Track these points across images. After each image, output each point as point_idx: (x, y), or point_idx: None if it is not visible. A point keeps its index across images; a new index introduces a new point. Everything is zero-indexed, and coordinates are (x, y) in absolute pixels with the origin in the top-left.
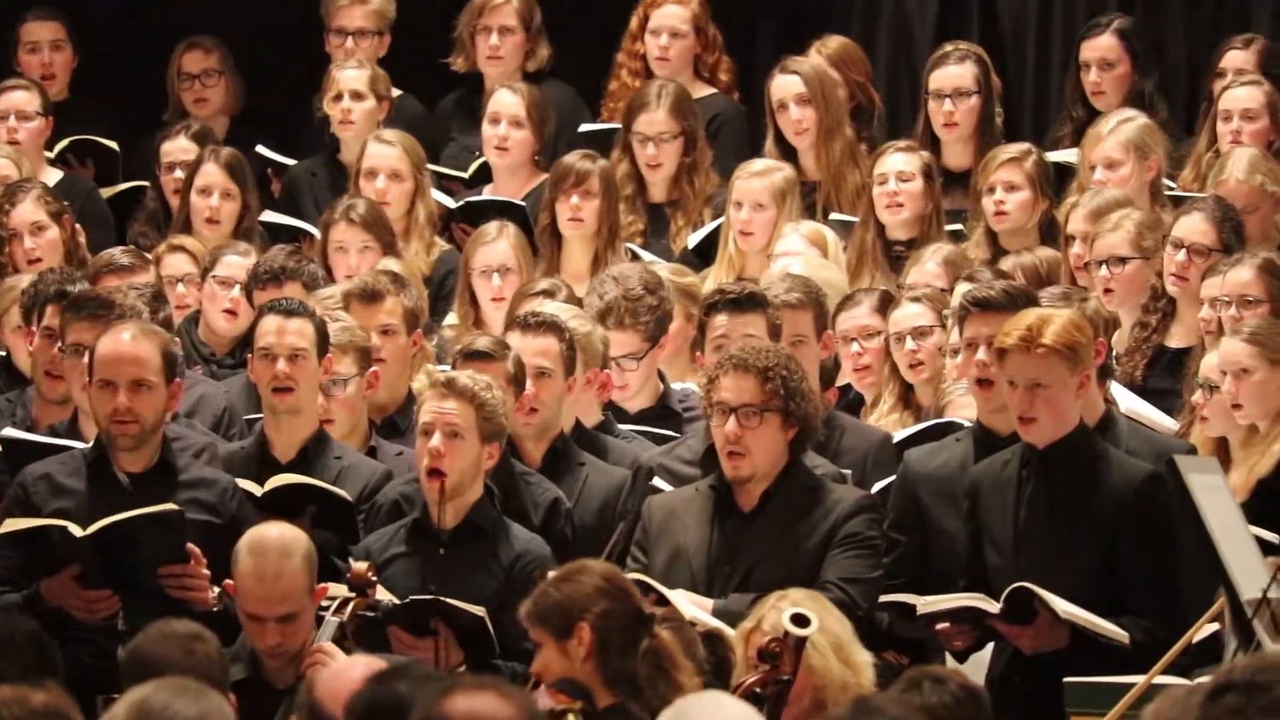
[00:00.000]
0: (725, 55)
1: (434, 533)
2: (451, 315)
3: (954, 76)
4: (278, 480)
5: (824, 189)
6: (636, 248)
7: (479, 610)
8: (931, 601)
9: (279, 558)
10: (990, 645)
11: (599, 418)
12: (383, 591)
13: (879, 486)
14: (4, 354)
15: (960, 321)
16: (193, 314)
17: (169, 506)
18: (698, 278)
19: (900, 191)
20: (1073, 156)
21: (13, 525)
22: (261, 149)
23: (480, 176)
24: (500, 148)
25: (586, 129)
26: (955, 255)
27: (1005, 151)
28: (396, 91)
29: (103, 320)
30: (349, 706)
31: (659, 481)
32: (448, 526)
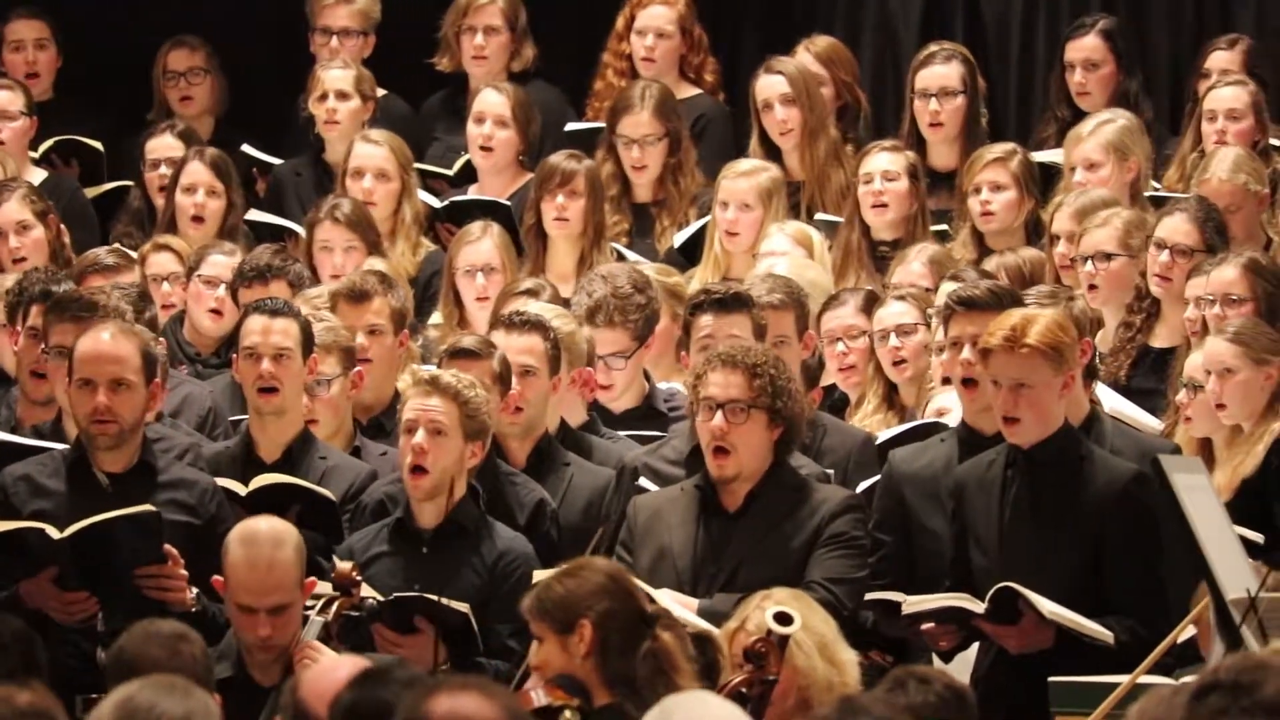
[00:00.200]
0: (710, 56)
1: (416, 532)
2: (436, 315)
3: (940, 76)
4: (262, 480)
5: (808, 189)
6: (621, 248)
7: (463, 607)
8: (916, 601)
9: (271, 548)
10: (975, 645)
11: (584, 418)
12: (368, 590)
13: (862, 487)
14: None
15: (945, 321)
16: (178, 314)
17: (146, 508)
18: (683, 278)
19: (885, 191)
20: (1058, 156)
21: None
22: (247, 148)
23: (465, 176)
24: (485, 147)
25: (572, 128)
26: (940, 255)
27: (990, 151)
28: (381, 91)
29: (86, 322)
30: (333, 708)
31: (644, 481)
32: (430, 525)
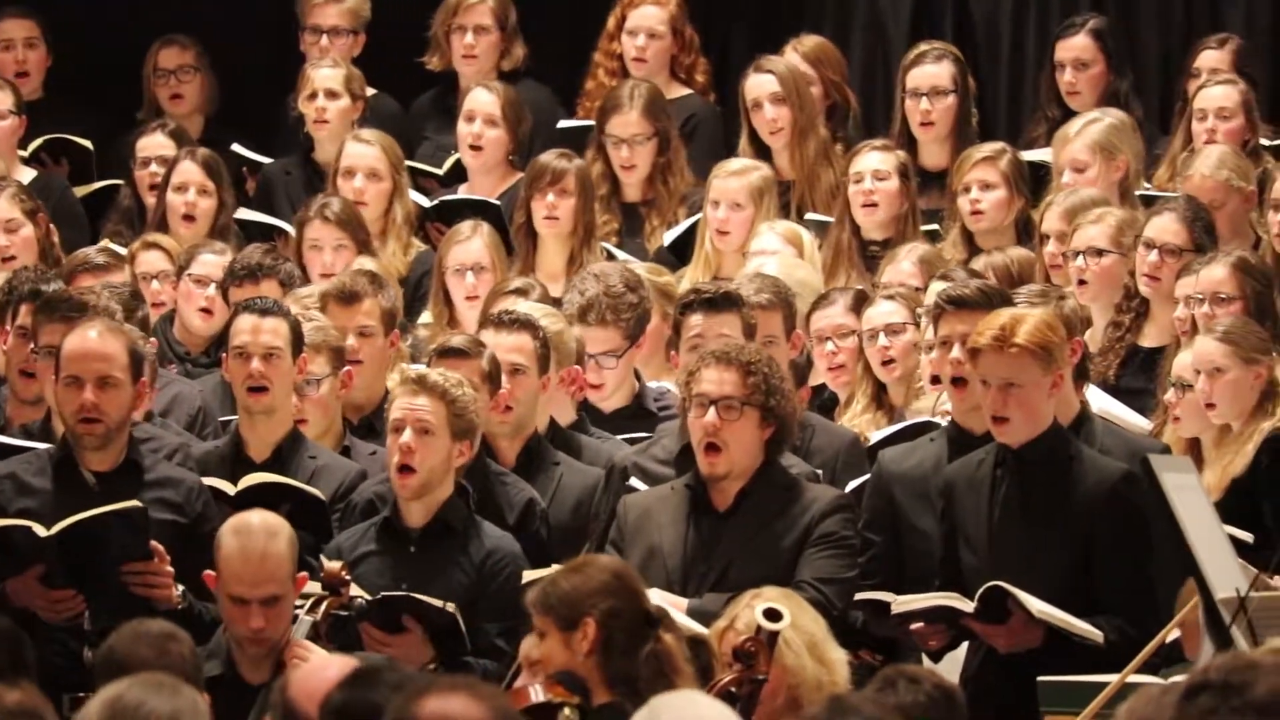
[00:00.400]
0: (701, 56)
1: (404, 531)
2: (426, 314)
3: (931, 75)
4: (251, 479)
5: (798, 188)
6: (611, 247)
7: (450, 606)
8: (906, 601)
9: (265, 538)
10: (964, 644)
11: (573, 417)
12: (357, 590)
13: (850, 487)
14: None
15: (935, 320)
16: (168, 313)
17: (133, 503)
18: (673, 277)
19: (876, 190)
20: (1048, 156)
21: None
22: (237, 147)
23: (455, 175)
24: (475, 146)
25: (565, 125)
26: (930, 255)
27: (980, 151)
28: (371, 90)
29: (75, 322)
30: (323, 709)
31: (634, 481)
32: (418, 524)
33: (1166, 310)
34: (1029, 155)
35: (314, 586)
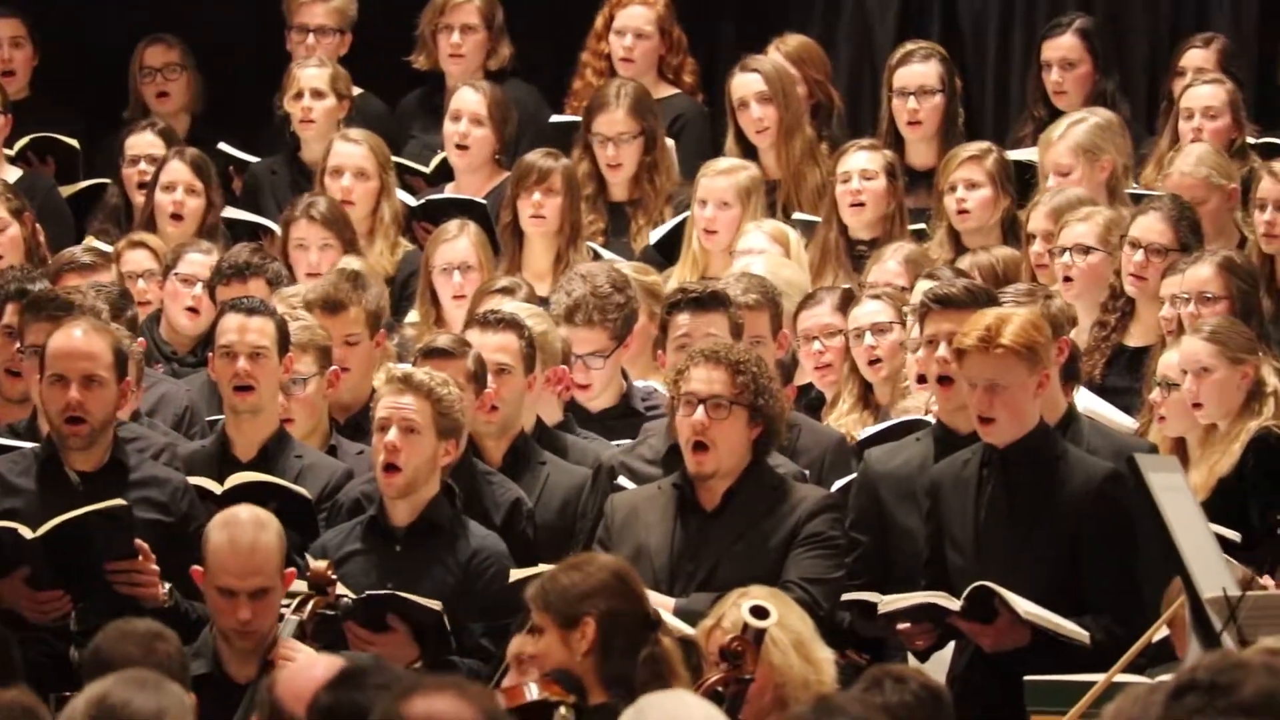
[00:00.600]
0: (689, 56)
1: (390, 530)
2: (413, 313)
3: (919, 75)
4: (238, 478)
5: (784, 188)
6: (597, 247)
7: (435, 605)
8: (892, 600)
9: (254, 530)
10: (951, 644)
11: (559, 417)
12: (343, 589)
13: (836, 486)
14: None
15: (921, 319)
16: (154, 312)
17: (117, 502)
18: (660, 277)
19: (864, 190)
20: (1034, 155)
21: None
22: (223, 146)
23: (441, 174)
24: (461, 145)
25: (557, 120)
26: (916, 254)
27: (966, 150)
28: (357, 90)
29: (62, 321)
30: (310, 709)
31: (622, 480)
32: (403, 523)
33: (1152, 310)
34: (1015, 155)
35: (300, 586)
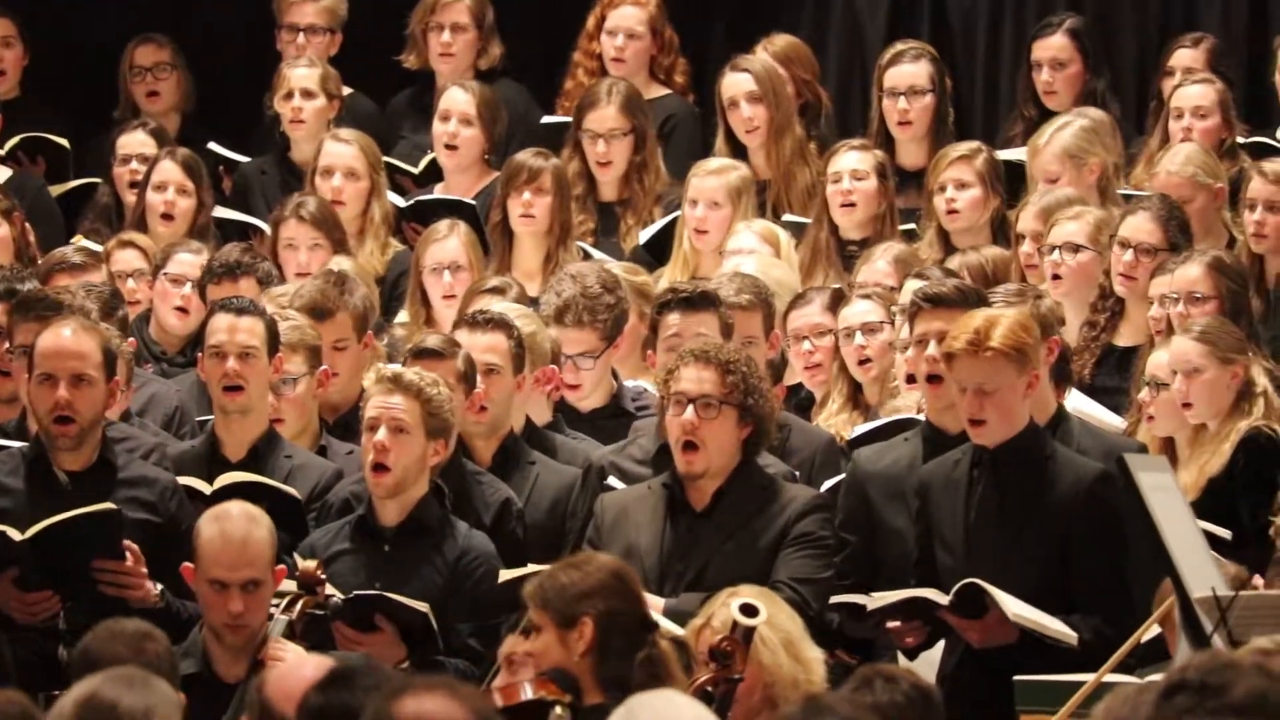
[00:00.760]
0: (681, 57)
1: (378, 529)
2: (403, 313)
3: (909, 75)
4: (227, 478)
5: (774, 187)
6: (587, 246)
7: (422, 606)
8: (881, 596)
9: (246, 524)
10: (941, 644)
11: (549, 417)
12: (332, 589)
13: (825, 487)
14: None
15: (911, 318)
16: (144, 312)
17: (107, 506)
18: (650, 277)
19: (854, 190)
20: (1024, 155)
21: None
22: (213, 146)
23: (431, 175)
24: (450, 146)
25: (548, 121)
26: (906, 254)
27: (955, 150)
28: (347, 90)
29: (51, 321)
30: (300, 710)
31: (612, 481)
32: (392, 523)
33: (1142, 309)
34: (1006, 154)
35: (289, 585)
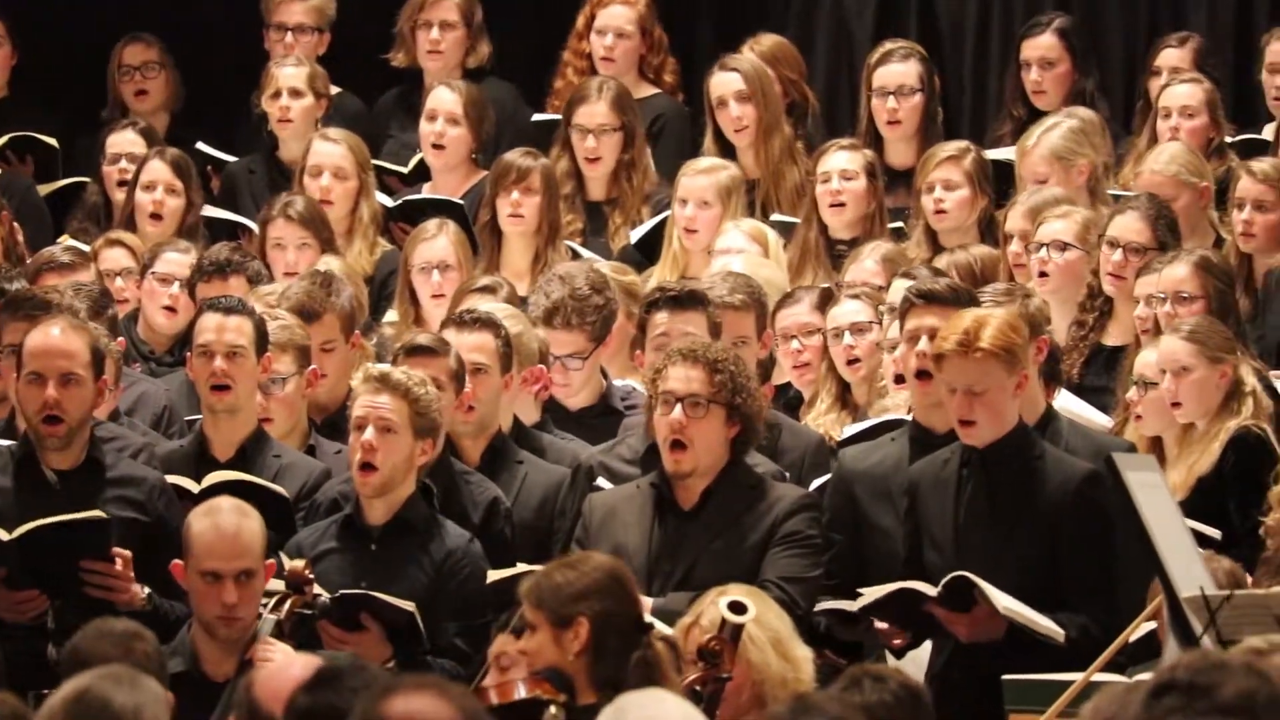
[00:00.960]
0: (670, 56)
1: (365, 529)
2: (391, 312)
3: (898, 74)
4: (215, 477)
5: (763, 186)
6: (576, 246)
7: (408, 605)
8: (870, 592)
9: (237, 515)
10: (929, 643)
11: (537, 417)
12: (319, 588)
13: (813, 486)
14: None
15: (903, 314)
16: (132, 311)
17: (97, 514)
18: (639, 276)
19: (844, 190)
20: (1012, 154)
21: None
22: (201, 146)
23: (419, 174)
24: (437, 145)
25: (539, 118)
26: (894, 253)
27: (944, 150)
28: (335, 89)
29: (40, 321)
30: (288, 711)
31: (601, 481)
32: (379, 522)
33: (1131, 309)
34: (994, 154)
35: (277, 585)
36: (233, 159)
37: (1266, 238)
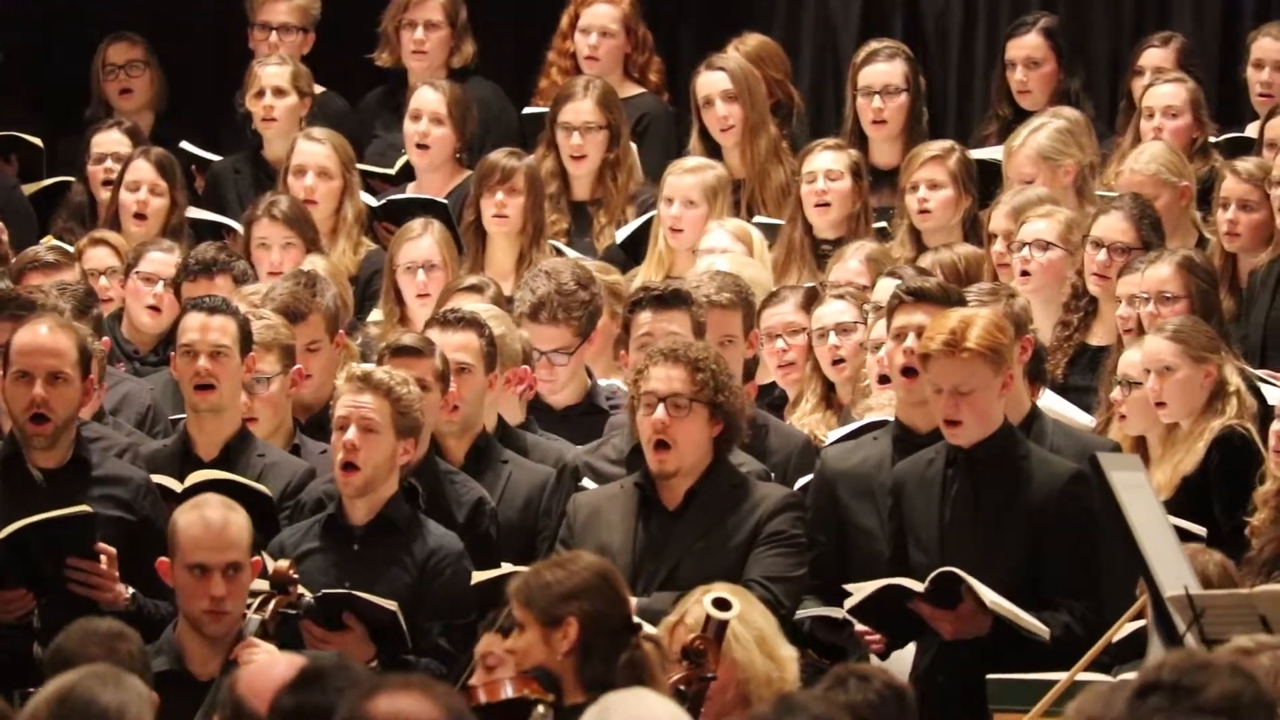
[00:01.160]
0: (654, 55)
1: (348, 528)
2: (376, 312)
3: (884, 74)
4: (198, 476)
5: (749, 186)
6: (561, 245)
7: (391, 605)
8: (858, 589)
9: (224, 510)
10: (913, 643)
11: (521, 418)
12: (304, 588)
13: (798, 486)
14: None
15: (891, 311)
16: (116, 311)
17: (83, 509)
18: (623, 276)
19: (829, 190)
20: (998, 154)
21: None
22: (186, 145)
23: (406, 174)
24: (421, 145)
25: (529, 111)
26: (878, 253)
27: (928, 149)
28: (320, 88)
29: (24, 321)
30: (273, 710)
31: (586, 481)
32: (362, 522)
33: (1115, 308)
34: (979, 154)
35: (261, 585)
36: (217, 158)
37: (1251, 237)
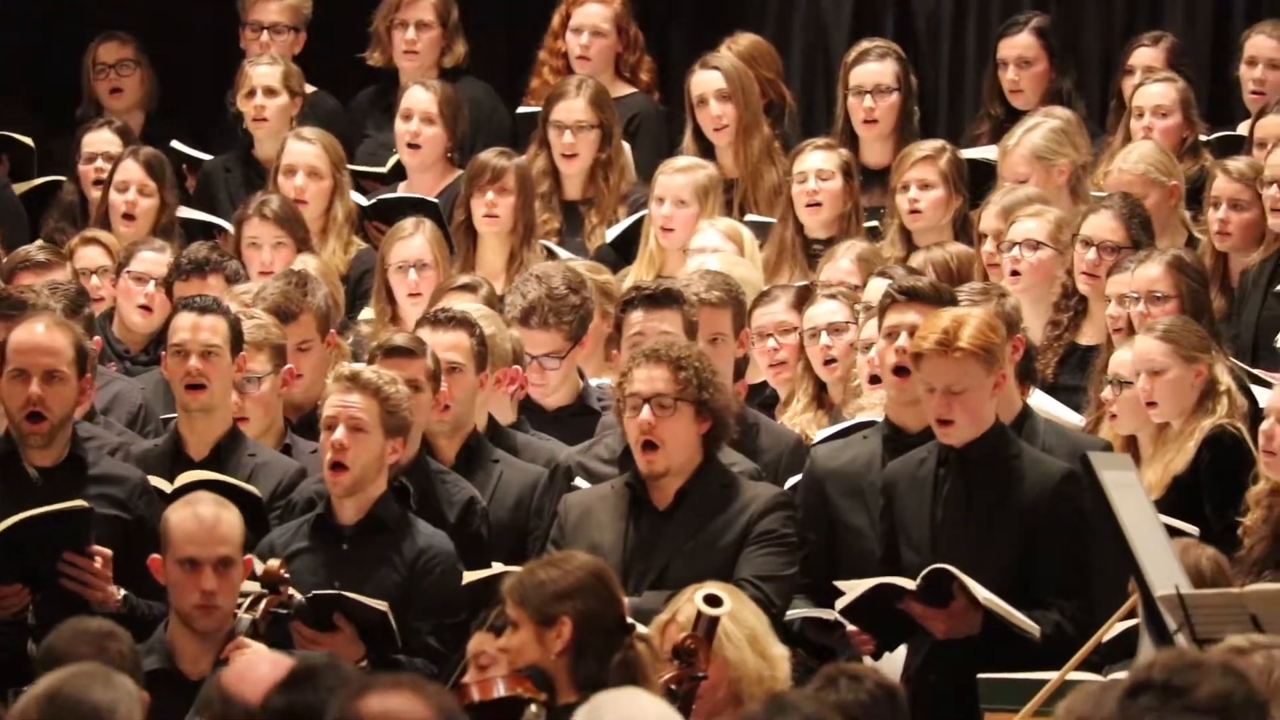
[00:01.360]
0: (646, 55)
1: (337, 528)
2: (367, 311)
3: (875, 73)
4: (188, 476)
5: (742, 186)
6: (552, 245)
7: (381, 605)
8: (850, 588)
9: (216, 506)
10: (904, 644)
11: (512, 418)
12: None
13: (788, 485)
14: None
15: (883, 310)
16: (107, 310)
17: (79, 503)
18: (614, 276)
19: (820, 190)
20: (990, 154)
21: None
22: (177, 144)
23: (397, 173)
24: (412, 145)
25: (523, 110)
26: (869, 252)
27: (919, 149)
28: (311, 88)
29: (15, 320)
30: (264, 710)
31: (579, 481)
32: (351, 522)
33: (1105, 308)
34: (971, 153)
35: (252, 585)
36: (208, 157)
37: (1242, 236)
